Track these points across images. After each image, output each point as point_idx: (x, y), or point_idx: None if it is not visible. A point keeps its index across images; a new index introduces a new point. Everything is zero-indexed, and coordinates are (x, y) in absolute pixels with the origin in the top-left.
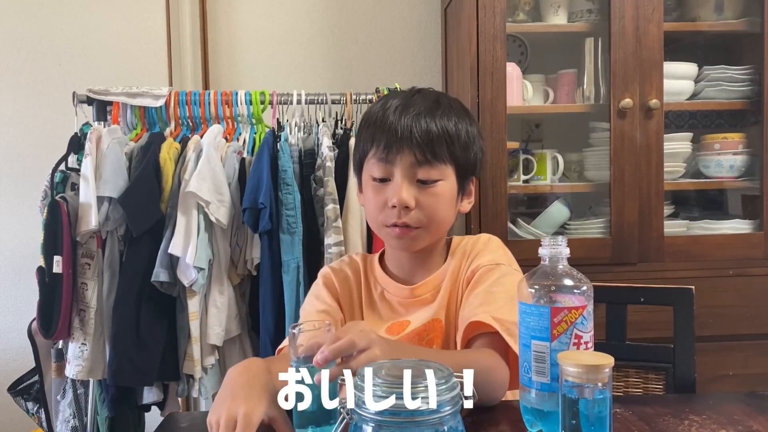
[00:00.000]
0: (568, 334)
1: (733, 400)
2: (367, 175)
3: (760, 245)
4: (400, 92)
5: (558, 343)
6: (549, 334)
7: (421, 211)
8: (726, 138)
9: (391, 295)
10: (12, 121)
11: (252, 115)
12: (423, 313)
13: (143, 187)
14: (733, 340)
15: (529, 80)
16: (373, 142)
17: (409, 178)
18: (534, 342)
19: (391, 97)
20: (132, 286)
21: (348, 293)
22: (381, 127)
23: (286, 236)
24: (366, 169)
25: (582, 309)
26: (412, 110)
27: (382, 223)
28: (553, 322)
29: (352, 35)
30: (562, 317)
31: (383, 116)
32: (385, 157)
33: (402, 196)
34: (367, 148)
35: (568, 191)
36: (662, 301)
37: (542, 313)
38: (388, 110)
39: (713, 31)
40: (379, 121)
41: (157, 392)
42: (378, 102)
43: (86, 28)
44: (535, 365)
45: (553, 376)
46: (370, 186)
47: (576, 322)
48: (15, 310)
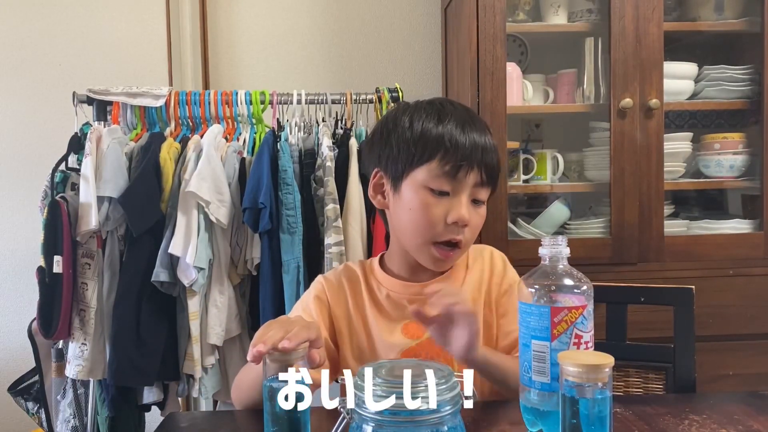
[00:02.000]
0: (569, 334)
1: (733, 399)
2: (416, 185)
3: (760, 245)
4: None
5: (558, 343)
6: (549, 334)
7: (470, 229)
8: (726, 138)
9: (399, 294)
10: (12, 121)
11: (252, 115)
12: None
13: (143, 187)
14: (733, 340)
15: (529, 80)
16: (438, 154)
17: (468, 197)
18: (534, 342)
19: (444, 110)
20: (132, 286)
21: (343, 302)
22: (451, 143)
23: (286, 236)
24: (417, 177)
25: (582, 309)
26: (473, 132)
27: (431, 239)
28: (554, 322)
29: (352, 35)
30: (563, 317)
31: (449, 133)
32: (454, 174)
33: (465, 214)
34: (426, 158)
35: (568, 191)
36: (662, 300)
37: (542, 313)
38: (449, 125)
39: (713, 31)
40: (446, 136)
41: (158, 392)
42: (425, 112)
43: (86, 28)
44: (535, 365)
45: (553, 375)
46: (421, 198)
47: (576, 321)
48: (15, 310)
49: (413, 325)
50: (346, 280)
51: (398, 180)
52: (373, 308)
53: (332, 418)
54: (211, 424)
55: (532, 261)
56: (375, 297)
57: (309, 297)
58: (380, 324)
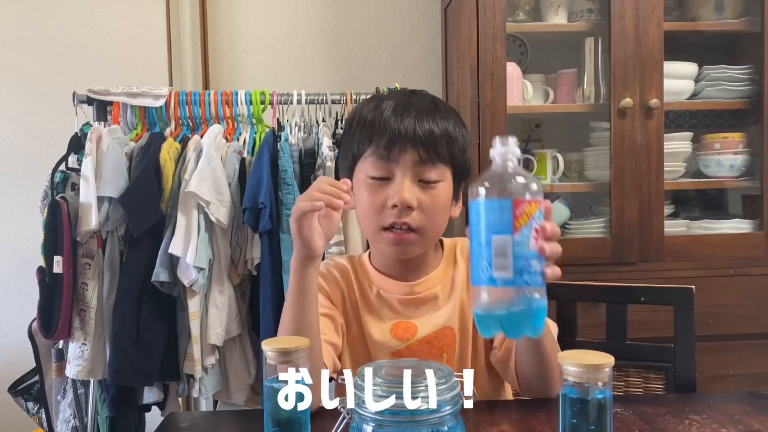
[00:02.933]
0: (529, 227)
1: (733, 399)
2: (361, 174)
3: (761, 245)
4: (392, 93)
5: (520, 236)
6: (511, 227)
7: (422, 212)
8: (726, 138)
9: (389, 293)
10: (12, 121)
11: (252, 115)
12: (431, 318)
13: (143, 187)
14: (733, 339)
15: (529, 80)
16: (371, 140)
17: (411, 178)
18: (495, 237)
19: (384, 98)
20: (132, 286)
21: (340, 295)
22: (380, 126)
23: (287, 236)
24: (360, 169)
25: (539, 203)
26: (412, 110)
27: (378, 225)
28: (515, 215)
29: (352, 35)
30: (524, 209)
31: (380, 115)
32: (386, 155)
33: (404, 195)
34: (363, 147)
35: (569, 191)
36: (662, 300)
37: (504, 207)
38: (385, 110)
39: (713, 31)
40: (377, 120)
41: (158, 392)
42: (368, 103)
43: (86, 28)
44: (497, 261)
45: (516, 270)
46: (365, 186)
47: (535, 216)
48: (15, 310)
49: (402, 324)
50: (339, 273)
51: (352, 178)
52: (364, 305)
53: (332, 418)
54: (211, 424)
55: None
56: (366, 294)
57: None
58: (369, 322)
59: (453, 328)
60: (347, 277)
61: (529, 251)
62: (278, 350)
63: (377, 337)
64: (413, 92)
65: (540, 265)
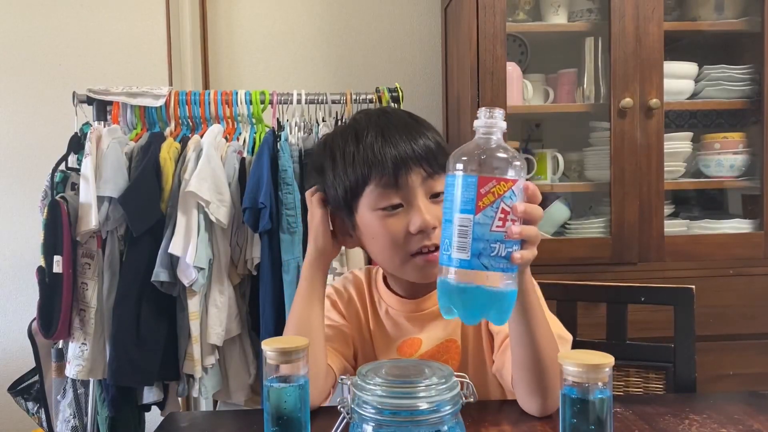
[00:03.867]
0: (495, 208)
1: (733, 399)
2: (366, 210)
3: (760, 245)
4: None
5: (483, 216)
6: (474, 206)
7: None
8: (726, 137)
9: (396, 311)
10: (12, 121)
11: (252, 115)
12: (435, 331)
13: (143, 186)
14: (733, 339)
15: (529, 80)
16: (371, 173)
17: (424, 197)
18: (458, 216)
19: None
20: (132, 286)
21: (355, 314)
22: (377, 156)
23: (287, 236)
24: (364, 204)
25: (512, 183)
26: (398, 130)
27: (407, 254)
28: (480, 193)
29: (352, 35)
30: (490, 188)
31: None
32: (394, 182)
33: (426, 218)
34: (363, 182)
35: (569, 191)
36: (662, 300)
37: (469, 184)
38: (371, 138)
39: (713, 31)
40: (369, 152)
41: (158, 392)
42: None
43: (86, 28)
44: (457, 240)
45: (473, 252)
46: (377, 219)
47: (504, 195)
48: (15, 310)
49: (408, 341)
50: (355, 291)
51: (351, 215)
52: (375, 324)
53: (332, 418)
54: (211, 424)
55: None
56: (376, 311)
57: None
58: (378, 340)
59: (456, 341)
60: (362, 294)
61: (493, 233)
62: (278, 350)
63: (385, 355)
64: (384, 111)
65: (506, 248)
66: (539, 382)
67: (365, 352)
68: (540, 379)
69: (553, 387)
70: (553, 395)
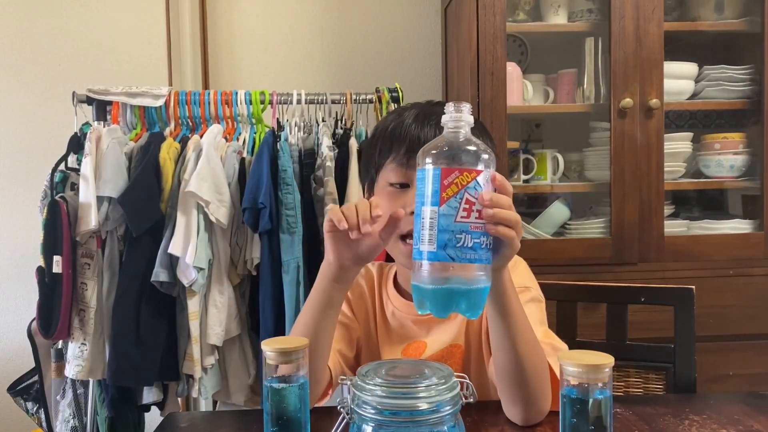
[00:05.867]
0: (458, 198)
1: (733, 399)
2: (382, 182)
3: (761, 245)
4: (417, 104)
5: (447, 207)
6: (438, 198)
7: None
8: (726, 138)
9: (402, 314)
10: (12, 121)
11: (252, 115)
12: (440, 335)
13: (143, 186)
14: (733, 340)
15: (530, 80)
16: (392, 148)
17: None
18: (424, 209)
19: (407, 108)
20: (132, 286)
21: (363, 310)
22: (400, 134)
23: (286, 236)
24: (382, 177)
25: (477, 173)
26: (433, 118)
27: (398, 235)
28: (443, 185)
29: (352, 35)
30: (453, 179)
31: (401, 124)
32: (406, 162)
33: None
34: (385, 156)
35: (569, 191)
36: (662, 300)
37: (434, 176)
38: (407, 118)
39: (713, 31)
40: (398, 129)
41: (157, 392)
42: (392, 113)
43: (86, 28)
44: (424, 233)
45: (439, 243)
46: (385, 193)
47: (468, 186)
48: (15, 310)
49: (413, 345)
50: (366, 285)
51: (372, 189)
52: (382, 324)
53: (332, 418)
54: (211, 424)
55: (533, 261)
56: (383, 310)
57: None
58: (384, 340)
59: (461, 345)
60: (372, 290)
61: (457, 224)
62: (278, 350)
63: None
64: (438, 103)
65: (472, 239)
66: (520, 390)
67: (370, 350)
68: (521, 387)
69: (537, 397)
70: (537, 406)
